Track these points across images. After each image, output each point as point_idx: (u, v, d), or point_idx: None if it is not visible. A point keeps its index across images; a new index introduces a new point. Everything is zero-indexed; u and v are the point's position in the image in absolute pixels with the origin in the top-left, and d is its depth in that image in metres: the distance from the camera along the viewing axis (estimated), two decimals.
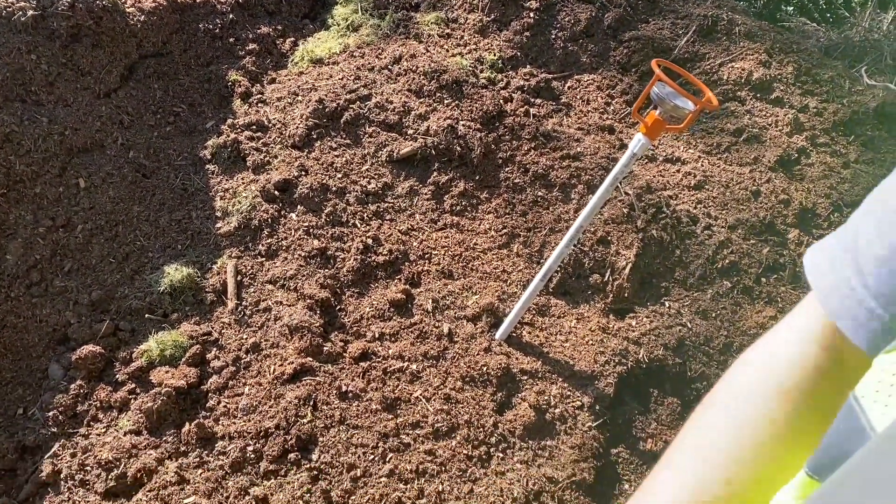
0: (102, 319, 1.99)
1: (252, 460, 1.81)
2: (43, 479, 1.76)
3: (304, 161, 2.32)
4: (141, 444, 1.79)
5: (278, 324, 2.03)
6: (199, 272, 2.09)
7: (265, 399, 1.89)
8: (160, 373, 1.90)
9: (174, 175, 2.25)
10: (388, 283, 2.17)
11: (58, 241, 2.05)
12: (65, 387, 1.88)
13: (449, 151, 2.36)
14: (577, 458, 1.90)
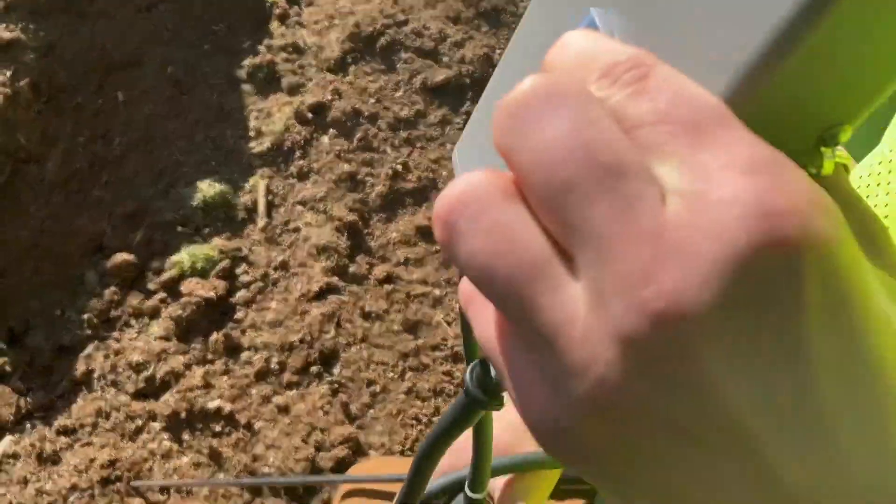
0: (136, 230, 2.04)
1: (276, 371, 1.87)
2: (77, 377, 1.84)
3: (339, 85, 2.32)
4: (170, 350, 1.86)
5: (306, 244, 2.06)
6: (231, 190, 2.13)
7: (291, 314, 1.94)
8: (191, 284, 1.95)
9: (210, 93, 2.27)
10: (416, 210, 2.19)
11: (96, 153, 2.10)
12: (100, 292, 1.95)
13: (484, 81, 2.33)
14: None
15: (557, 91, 0.20)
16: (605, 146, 0.18)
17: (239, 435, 1.75)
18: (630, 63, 0.20)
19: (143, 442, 1.74)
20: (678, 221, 0.17)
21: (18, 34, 2.00)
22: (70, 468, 1.70)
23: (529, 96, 0.20)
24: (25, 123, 2.00)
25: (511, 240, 0.20)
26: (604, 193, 0.18)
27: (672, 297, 0.17)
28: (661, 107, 0.19)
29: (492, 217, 0.20)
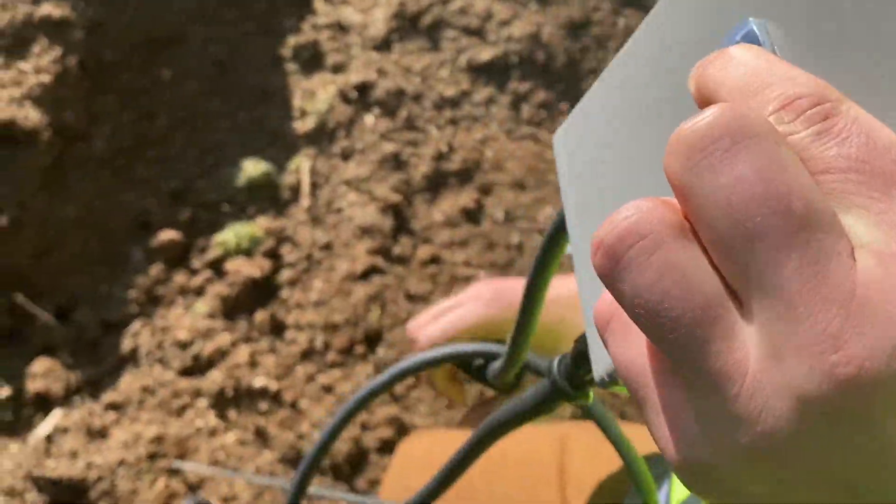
0: (182, 209, 2.05)
1: (320, 350, 1.86)
2: (124, 353, 1.86)
3: (383, 64, 2.30)
4: (216, 328, 1.86)
5: (350, 224, 2.05)
6: (275, 169, 2.12)
7: (335, 294, 1.93)
8: (235, 262, 1.95)
9: (253, 72, 2.26)
10: (460, 191, 2.16)
11: (141, 131, 2.11)
12: (145, 270, 1.96)
13: (531, 59, 2.29)
14: None
15: (744, 127, 0.19)
16: (797, 194, 0.18)
17: (284, 413, 1.75)
18: (815, 98, 0.19)
19: (190, 419, 1.75)
20: (870, 282, 0.17)
21: (67, 12, 2.00)
22: (118, 443, 1.71)
23: (713, 131, 0.19)
24: (73, 102, 2.01)
25: (685, 280, 0.19)
26: (794, 247, 0.17)
27: (863, 363, 0.17)
28: (851, 152, 0.18)
29: (665, 254, 0.19)
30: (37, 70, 1.95)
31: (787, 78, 0.20)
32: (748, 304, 0.19)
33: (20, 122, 1.88)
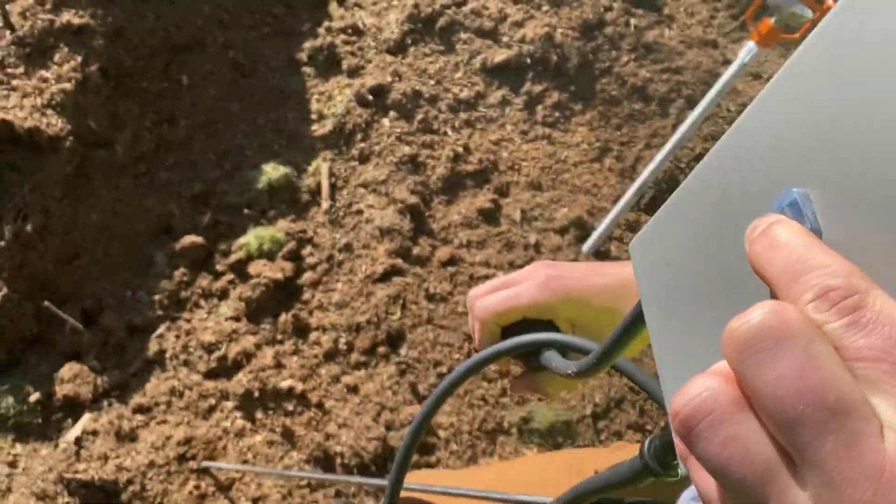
0: (203, 212, 2.07)
1: (344, 351, 1.89)
2: (150, 356, 1.88)
3: (398, 66, 2.32)
4: (240, 330, 1.89)
5: (369, 225, 2.07)
6: (294, 172, 2.14)
7: (357, 295, 1.96)
8: (258, 265, 1.98)
9: (271, 76, 2.28)
10: (477, 192, 2.18)
11: (162, 136, 2.13)
12: (169, 274, 1.98)
13: (544, 60, 2.32)
14: None
15: (785, 329, 0.22)
16: (830, 387, 0.21)
17: (311, 414, 1.78)
18: (845, 289, 0.22)
19: (217, 420, 1.78)
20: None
21: (88, 20, 2.02)
22: (147, 445, 1.73)
23: (759, 332, 0.23)
24: (95, 108, 2.03)
25: (745, 450, 0.23)
26: (829, 431, 0.21)
27: None
28: (876, 343, 0.22)
29: (729, 428, 0.23)
30: (58, 78, 1.97)
31: (822, 266, 0.23)
32: (801, 470, 0.22)
33: (43, 129, 1.91)
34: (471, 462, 1.76)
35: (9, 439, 1.77)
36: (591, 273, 0.65)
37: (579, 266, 0.67)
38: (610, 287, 0.64)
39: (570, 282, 0.64)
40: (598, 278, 0.64)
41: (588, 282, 0.64)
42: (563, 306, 0.64)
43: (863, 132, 0.23)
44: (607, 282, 0.64)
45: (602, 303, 0.64)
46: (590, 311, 0.64)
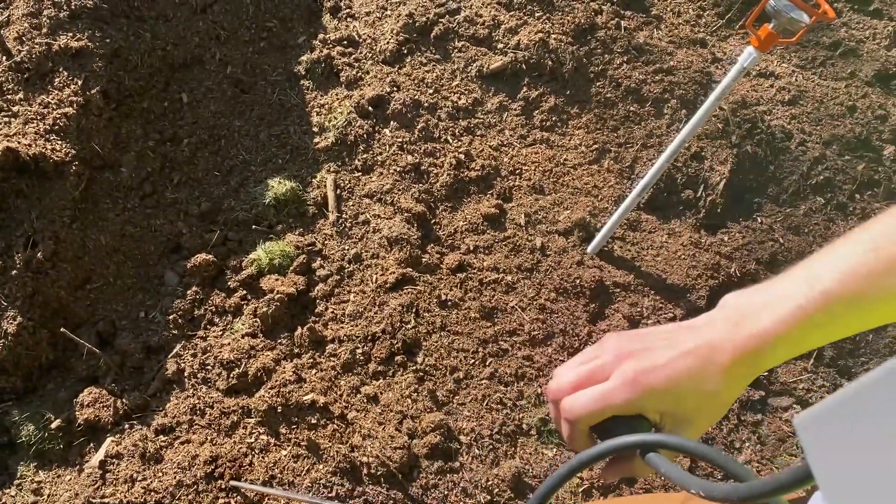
0: (212, 230, 2.08)
1: (361, 362, 1.91)
2: (168, 376, 1.89)
3: (396, 77, 2.34)
4: (258, 346, 1.90)
5: (377, 235, 2.10)
6: (300, 186, 2.16)
7: (370, 306, 1.98)
8: (270, 280, 1.99)
9: (271, 90, 2.29)
10: (481, 198, 2.22)
11: (166, 155, 2.13)
12: (181, 293, 1.99)
13: (539, 66, 2.36)
14: None
15: None
16: None
17: (334, 426, 1.80)
18: None
19: (241, 437, 1.79)
20: None
21: (85, 42, 2.02)
22: (174, 465, 1.75)
23: None
24: (98, 131, 2.03)
25: None
26: None
27: None
28: None
29: None
30: (59, 102, 1.97)
31: None
32: None
33: (48, 155, 1.90)
34: (494, 465, 1.80)
35: (31, 467, 1.77)
36: (675, 353, 0.65)
37: (663, 341, 0.67)
38: (692, 370, 0.64)
39: (656, 375, 0.64)
40: (680, 360, 0.65)
41: (672, 369, 0.64)
42: (651, 402, 0.65)
43: None
44: (689, 364, 0.64)
45: (686, 389, 0.65)
46: (676, 399, 0.65)
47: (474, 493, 1.75)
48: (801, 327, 0.61)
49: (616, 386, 0.65)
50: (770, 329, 0.61)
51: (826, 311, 0.60)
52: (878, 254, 0.58)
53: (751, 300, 0.65)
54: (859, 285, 0.59)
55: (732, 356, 0.63)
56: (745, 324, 0.63)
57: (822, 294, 0.60)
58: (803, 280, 0.62)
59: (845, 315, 0.60)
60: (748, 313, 0.64)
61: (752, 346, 0.62)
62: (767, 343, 0.61)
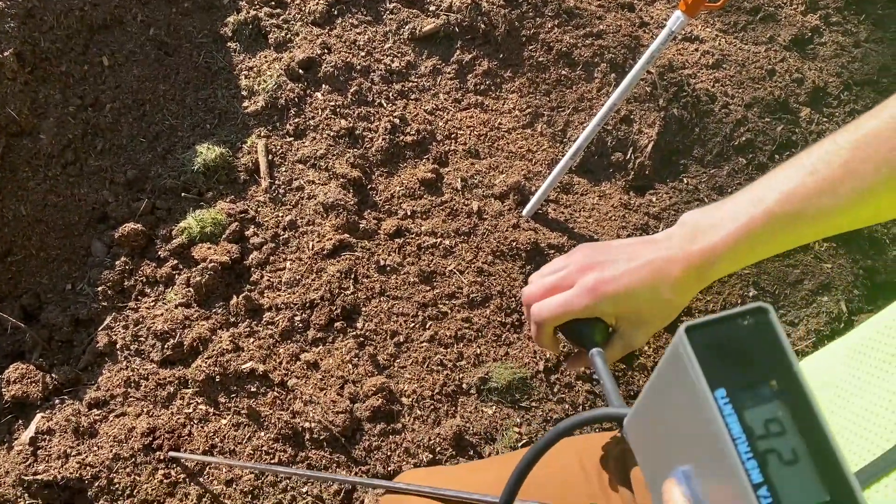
0: (139, 198, 2.01)
1: (300, 329, 1.90)
2: (100, 349, 1.84)
3: (326, 39, 2.30)
4: (192, 316, 1.87)
5: (312, 202, 2.08)
6: (230, 151, 2.11)
7: (307, 273, 1.97)
8: (202, 249, 1.95)
9: (196, 53, 2.22)
10: (417, 163, 2.22)
11: (88, 121, 2.04)
12: (109, 263, 1.93)
13: (472, 29, 2.35)
14: None
15: None
16: None
17: (275, 393, 1.80)
18: None
19: (178, 408, 1.77)
20: None
21: None
22: (109, 439, 1.71)
23: None
24: (13, 95, 1.92)
25: None
26: None
27: None
28: None
29: None
30: None
31: None
32: None
33: None
34: (435, 424, 1.83)
35: None
36: (633, 266, 0.73)
37: (624, 253, 0.75)
38: (645, 280, 0.73)
39: (614, 285, 0.72)
40: (637, 272, 0.72)
41: (629, 279, 0.72)
42: (608, 307, 0.73)
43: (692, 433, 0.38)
44: (644, 275, 0.73)
45: (641, 297, 0.73)
46: (632, 306, 0.74)
47: (417, 452, 1.78)
48: (745, 243, 0.69)
49: (577, 293, 0.73)
50: (718, 244, 0.69)
51: (768, 228, 0.68)
52: (815, 176, 0.66)
53: (704, 219, 0.72)
54: (797, 205, 0.67)
55: (683, 268, 0.71)
56: (697, 240, 0.71)
57: (765, 213, 0.68)
58: (749, 200, 0.70)
59: (784, 232, 0.68)
60: (701, 230, 0.72)
61: (702, 259, 0.70)
62: (715, 257, 0.70)
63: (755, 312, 0.36)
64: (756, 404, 0.34)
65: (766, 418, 0.34)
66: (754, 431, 0.33)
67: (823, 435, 0.33)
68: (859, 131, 0.66)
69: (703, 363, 0.35)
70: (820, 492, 0.31)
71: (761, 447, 0.33)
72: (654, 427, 0.46)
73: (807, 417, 0.33)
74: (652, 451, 0.46)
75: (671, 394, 0.40)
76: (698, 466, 0.37)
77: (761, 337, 0.36)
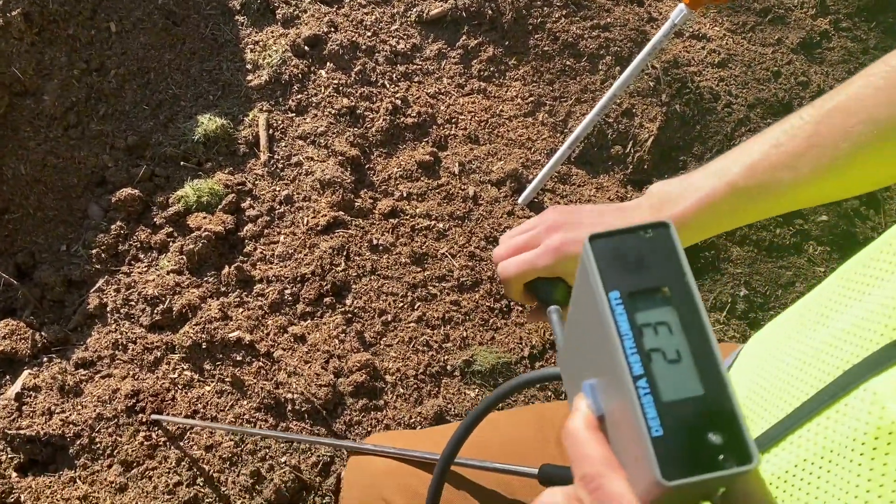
0: (139, 164, 2.03)
1: (290, 302, 1.92)
2: (90, 310, 1.86)
3: (333, 17, 2.31)
4: (183, 283, 1.89)
5: (310, 178, 2.09)
6: (231, 124, 2.12)
7: (300, 247, 1.98)
8: (197, 218, 1.97)
9: (204, 24, 2.23)
10: (416, 145, 2.22)
11: (92, 85, 2.06)
12: (105, 227, 1.95)
13: (479, 14, 2.35)
14: None
15: None
16: None
17: (260, 364, 1.81)
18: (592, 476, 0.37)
19: (164, 372, 1.79)
20: None
21: None
22: (94, 399, 1.73)
23: None
24: (19, 55, 1.94)
25: None
26: None
27: None
28: None
29: None
30: None
31: (585, 457, 0.38)
32: None
33: None
34: (417, 403, 1.85)
35: None
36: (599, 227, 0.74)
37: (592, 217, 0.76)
38: None
39: (578, 246, 0.74)
40: None
41: None
42: (571, 267, 0.75)
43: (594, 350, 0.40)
44: None
45: None
46: None
47: (397, 429, 1.79)
48: (709, 213, 0.70)
49: (541, 253, 0.76)
50: (683, 213, 0.71)
51: (731, 199, 0.69)
52: (778, 150, 0.67)
53: (671, 189, 0.74)
54: (760, 178, 0.68)
55: None
56: (663, 209, 0.73)
57: (728, 185, 0.70)
58: (714, 172, 0.72)
59: (748, 204, 0.70)
60: (668, 200, 0.73)
61: None
62: (680, 226, 0.71)
63: (657, 226, 0.38)
64: (648, 308, 0.36)
65: (657, 321, 0.36)
66: (643, 332, 0.36)
67: (706, 338, 0.35)
68: (825, 106, 0.67)
69: (601, 268, 0.38)
70: (696, 387, 0.34)
71: (647, 345, 0.35)
72: (574, 353, 0.48)
73: (693, 322, 0.35)
74: (573, 378, 0.48)
75: (583, 308, 0.42)
76: (602, 378, 0.39)
77: (660, 248, 0.37)
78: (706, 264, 2.21)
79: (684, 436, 0.33)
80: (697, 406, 0.34)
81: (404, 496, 0.93)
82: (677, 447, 0.33)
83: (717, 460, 0.32)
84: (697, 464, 0.33)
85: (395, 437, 1.04)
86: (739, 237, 2.24)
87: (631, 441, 0.35)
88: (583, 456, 0.38)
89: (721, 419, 0.33)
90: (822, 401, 0.49)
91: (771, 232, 2.26)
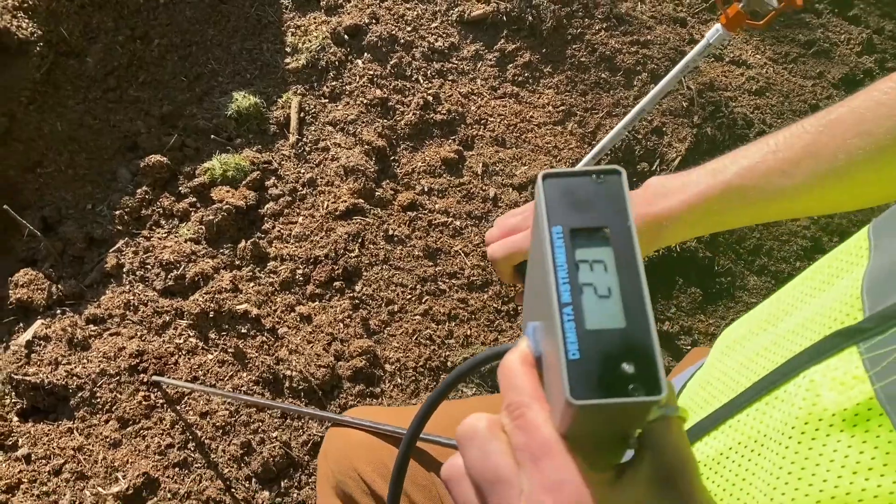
0: (170, 133, 2.08)
1: (300, 282, 1.94)
2: (107, 269, 1.90)
3: (376, 9, 2.34)
4: (199, 252, 1.92)
5: (335, 163, 2.12)
6: (264, 103, 2.16)
7: (317, 230, 2.01)
8: (221, 191, 2.01)
9: (249, 4, 2.28)
10: (442, 142, 2.24)
11: (134, 52, 2.12)
12: (131, 190, 2.00)
13: (520, 20, 2.37)
14: None
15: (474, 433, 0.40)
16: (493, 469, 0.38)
17: (263, 338, 1.84)
18: (517, 404, 0.39)
19: (170, 337, 1.82)
20: None
21: None
22: (99, 354, 1.77)
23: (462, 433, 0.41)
24: (68, 16, 2.01)
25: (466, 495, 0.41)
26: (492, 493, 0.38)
27: None
28: (522, 440, 0.37)
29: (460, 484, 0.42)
30: None
31: (515, 388, 0.39)
32: None
33: (13, 31, 1.88)
34: (413, 395, 1.85)
35: None
36: None
37: None
38: None
39: None
40: None
41: None
42: None
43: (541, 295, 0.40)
44: None
45: None
46: None
47: None
48: (700, 210, 0.71)
49: (526, 236, 0.77)
50: (674, 208, 0.72)
51: (723, 198, 0.70)
52: (776, 155, 0.68)
53: (666, 183, 0.75)
54: (754, 181, 0.69)
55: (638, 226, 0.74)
56: (657, 203, 0.73)
57: (722, 184, 0.70)
58: (710, 171, 0.72)
59: (739, 205, 0.71)
60: (662, 194, 0.74)
61: (657, 221, 0.73)
62: (671, 220, 0.72)
63: (609, 172, 0.39)
64: (588, 246, 0.38)
65: (594, 259, 0.37)
66: (579, 266, 0.37)
67: (637, 280, 0.36)
68: (826, 117, 0.67)
69: (549, 204, 0.39)
70: (620, 321, 0.35)
71: (581, 280, 0.37)
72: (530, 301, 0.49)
73: (629, 264, 0.37)
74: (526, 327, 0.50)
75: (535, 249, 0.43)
76: (543, 319, 0.40)
77: (608, 193, 0.39)
78: (721, 290, 2.19)
79: (599, 362, 0.35)
80: (617, 338, 0.35)
81: (374, 468, 0.95)
82: (591, 371, 0.34)
83: (627, 388, 0.34)
84: (607, 388, 0.34)
85: (375, 411, 1.06)
86: (758, 267, 2.21)
87: (555, 372, 0.36)
88: (512, 386, 0.40)
89: (637, 352, 0.35)
90: (763, 388, 0.50)
91: (790, 265, 2.23)
